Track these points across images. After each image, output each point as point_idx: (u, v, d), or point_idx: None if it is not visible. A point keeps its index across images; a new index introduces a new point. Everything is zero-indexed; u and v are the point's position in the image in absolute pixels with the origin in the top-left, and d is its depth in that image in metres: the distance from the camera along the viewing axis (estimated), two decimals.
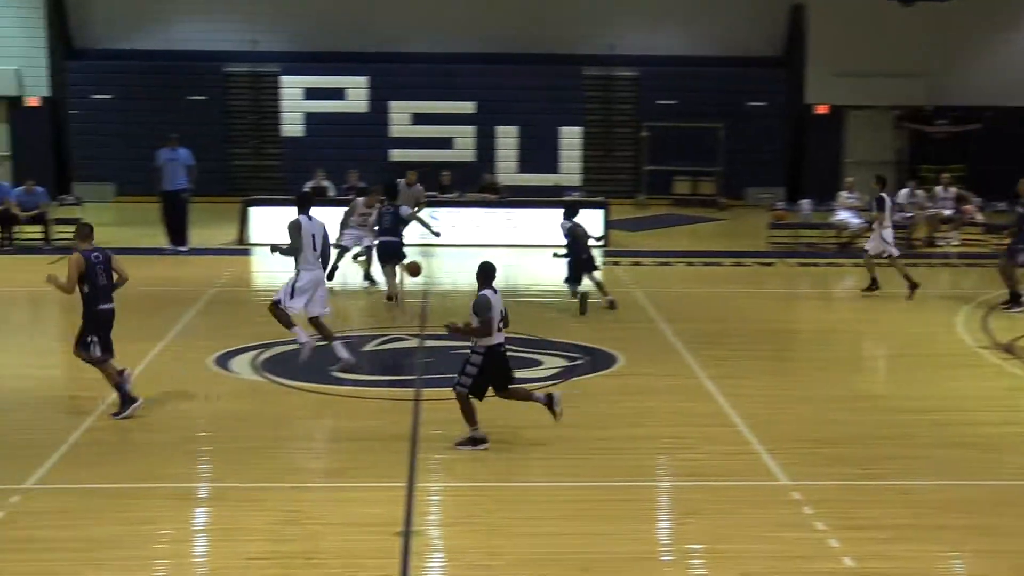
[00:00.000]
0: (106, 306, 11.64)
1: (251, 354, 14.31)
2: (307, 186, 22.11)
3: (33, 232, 22.96)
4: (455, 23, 30.02)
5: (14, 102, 29.17)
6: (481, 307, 10.54)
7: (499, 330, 10.68)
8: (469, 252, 22.69)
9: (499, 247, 22.90)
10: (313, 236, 13.38)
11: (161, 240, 22.28)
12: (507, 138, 29.85)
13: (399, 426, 11.50)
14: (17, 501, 9.47)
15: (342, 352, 13.36)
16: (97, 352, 11.60)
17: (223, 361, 13.94)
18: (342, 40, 29.87)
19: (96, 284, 11.53)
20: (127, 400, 11.59)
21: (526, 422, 11.68)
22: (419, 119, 29.64)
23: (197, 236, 23.78)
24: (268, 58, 29.69)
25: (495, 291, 10.73)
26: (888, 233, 18.47)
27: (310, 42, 29.99)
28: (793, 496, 9.74)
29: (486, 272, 10.80)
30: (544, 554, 8.52)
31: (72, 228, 22.62)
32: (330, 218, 22.38)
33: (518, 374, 13.44)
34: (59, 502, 9.49)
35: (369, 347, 15.06)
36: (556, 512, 9.37)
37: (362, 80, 29.69)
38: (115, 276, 11.77)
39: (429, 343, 15.08)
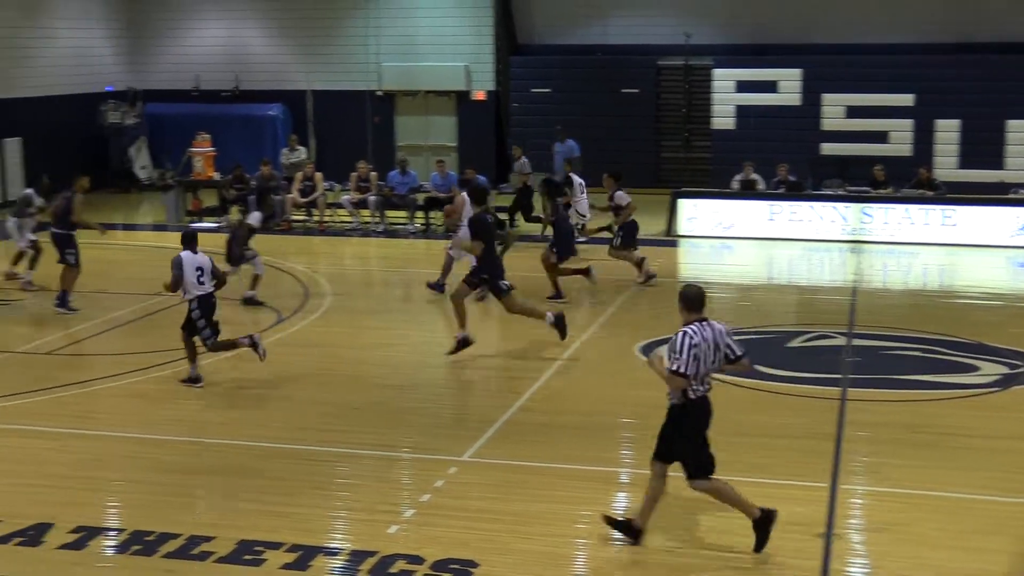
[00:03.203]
0: None
1: None
2: (736, 179, 21.91)
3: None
4: (894, 12, 28.90)
5: (462, 96, 30.97)
6: (172, 264, 12.55)
7: (199, 284, 12.52)
8: (903, 249, 21.87)
9: (935, 245, 21.89)
10: None
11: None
12: (947, 132, 28.41)
13: (823, 425, 11.29)
14: (454, 472, 10.09)
15: None
16: None
17: (648, 351, 14.17)
18: (775, 32, 29.50)
19: None
20: None
21: (965, 430, 11.16)
22: (853, 112, 28.75)
23: None
24: (701, 51, 29.78)
25: (194, 252, 12.62)
26: None
27: (743, 35, 29.84)
28: None
29: (184, 237, 12.84)
30: (973, 570, 8.10)
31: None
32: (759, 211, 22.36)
33: (951, 379, 12.90)
34: (492, 476, 10.01)
35: (795, 343, 14.84)
36: (988, 527, 8.87)
37: (795, 72, 29.13)
38: None
39: (857, 342, 14.66)
